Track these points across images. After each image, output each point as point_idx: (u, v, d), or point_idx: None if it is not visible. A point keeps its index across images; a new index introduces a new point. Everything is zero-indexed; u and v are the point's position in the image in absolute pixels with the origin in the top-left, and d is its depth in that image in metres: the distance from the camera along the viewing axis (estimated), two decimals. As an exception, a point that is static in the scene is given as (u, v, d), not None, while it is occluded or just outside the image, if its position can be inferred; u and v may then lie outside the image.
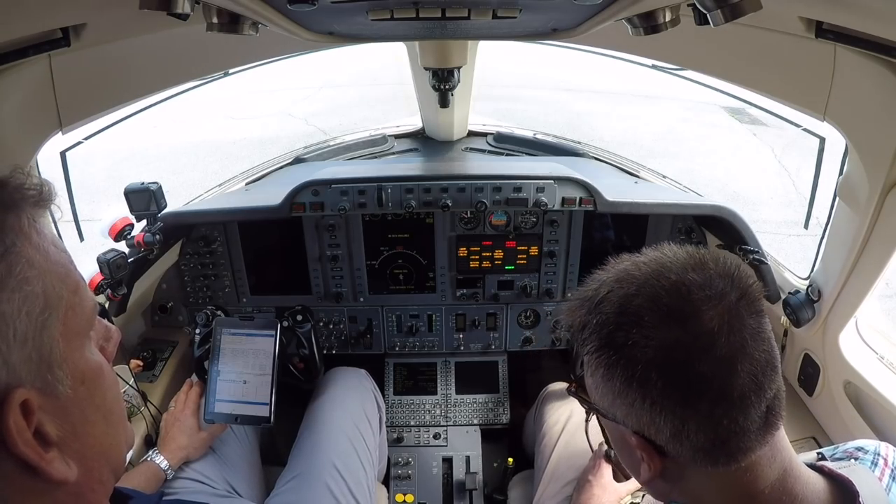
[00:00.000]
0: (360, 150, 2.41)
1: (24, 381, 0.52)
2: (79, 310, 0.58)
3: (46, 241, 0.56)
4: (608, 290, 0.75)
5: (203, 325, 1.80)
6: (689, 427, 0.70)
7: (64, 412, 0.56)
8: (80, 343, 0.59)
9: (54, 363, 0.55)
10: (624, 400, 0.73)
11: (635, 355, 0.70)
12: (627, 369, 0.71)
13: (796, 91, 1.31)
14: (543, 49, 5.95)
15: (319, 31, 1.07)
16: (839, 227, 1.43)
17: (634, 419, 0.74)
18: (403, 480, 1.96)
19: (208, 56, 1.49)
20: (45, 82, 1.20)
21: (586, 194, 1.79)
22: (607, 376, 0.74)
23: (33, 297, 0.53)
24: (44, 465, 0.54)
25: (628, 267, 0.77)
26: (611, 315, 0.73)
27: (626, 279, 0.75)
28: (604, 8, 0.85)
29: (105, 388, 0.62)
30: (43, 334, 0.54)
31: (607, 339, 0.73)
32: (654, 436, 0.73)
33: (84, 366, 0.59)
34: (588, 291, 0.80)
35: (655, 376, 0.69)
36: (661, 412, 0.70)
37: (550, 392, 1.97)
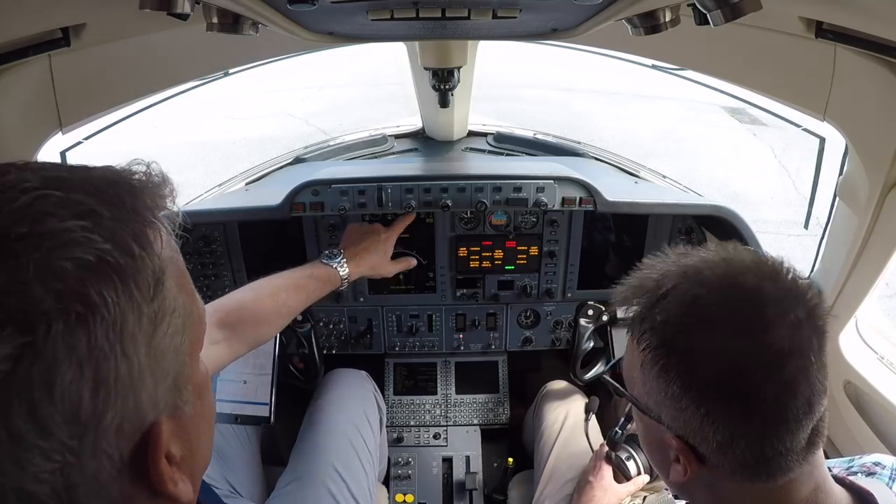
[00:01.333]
0: (360, 150, 2.41)
1: (162, 412, 0.48)
2: (196, 318, 0.53)
3: (171, 248, 0.50)
4: (673, 285, 0.71)
5: (203, 324, 1.80)
6: (737, 442, 0.68)
7: (185, 431, 0.52)
8: (198, 354, 0.55)
9: (182, 385, 0.51)
10: (675, 403, 0.70)
11: (698, 363, 0.68)
12: (687, 375, 0.69)
13: (796, 91, 1.31)
14: (543, 49, 5.95)
15: (319, 31, 1.07)
16: (839, 227, 1.44)
17: (681, 424, 0.71)
18: (403, 480, 1.96)
19: (208, 56, 1.49)
20: (45, 82, 1.20)
21: (586, 194, 1.79)
22: (662, 377, 0.71)
23: (178, 327, 0.49)
24: (177, 491, 0.50)
25: (696, 263, 0.73)
26: (676, 314, 0.70)
27: (694, 277, 0.71)
28: (604, 8, 0.85)
29: (210, 394, 0.59)
30: (178, 359, 0.50)
31: (670, 340, 0.70)
32: (698, 444, 0.71)
33: (199, 378, 0.55)
34: (648, 280, 0.75)
35: (716, 388, 0.67)
36: (714, 423, 0.68)
37: (549, 391, 1.97)
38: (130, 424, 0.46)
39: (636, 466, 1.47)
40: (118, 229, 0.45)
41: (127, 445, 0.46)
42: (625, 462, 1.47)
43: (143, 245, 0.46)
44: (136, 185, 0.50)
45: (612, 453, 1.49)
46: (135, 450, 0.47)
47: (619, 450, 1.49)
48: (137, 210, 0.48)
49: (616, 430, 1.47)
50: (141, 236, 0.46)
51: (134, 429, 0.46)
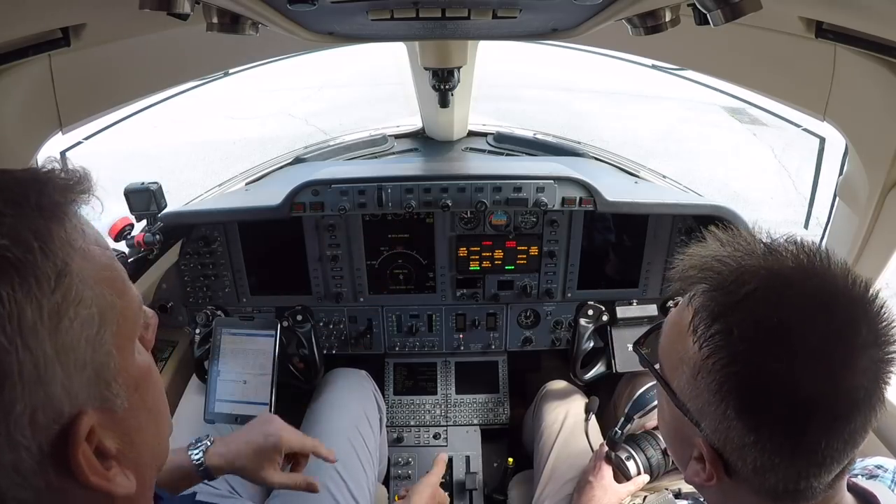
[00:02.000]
0: (360, 150, 2.41)
1: (85, 404, 0.49)
2: (128, 313, 0.54)
3: (91, 242, 0.51)
4: (755, 288, 0.63)
5: (203, 325, 1.80)
6: (775, 472, 0.64)
7: (121, 424, 0.53)
8: (131, 347, 0.55)
9: (110, 378, 0.51)
10: (723, 420, 0.64)
11: (767, 393, 0.61)
12: (748, 401, 0.62)
13: (796, 91, 1.31)
14: (543, 49, 5.95)
15: (319, 31, 1.07)
16: (839, 227, 1.43)
17: (721, 437, 0.66)
18: (403, 480, 1.96)
19: (208, 56, 1.49)
20: (45, 82, 1.20)
21: (586, 194, 1.79)
22: (718, 392, 0.64)
23: (90, 319, 0.49)
24: (110, 485, 0.51)
25: (786, 271, 0.64)
26: (756, 333, 0.61)
27: (783, 290, 0.62)
28: (604, 8, 0.85)
29: (154, 388, 0.59)
30: (99, 352, 0.50)
31: (743, 359, 0.62)
32: (732, 459, 0.66)
33: (136, 371, 0.55)
34: (725, 270, 0.66)
35: (776, 422, 0.61)
36: (759, 451, 0.63)
37: (549, 391, 1.97)
38: (45, 416, 0.47)
39: (636, 466, 1.47)
40: (18, 225, 0.47)
41: (45, 437, 0.47)
42: (625, 462, 1.47)
43: (44, 240, 0.47)
44: (43, 182, 0.51)
45: (612, 453, 1.49)
46: (55, 442, 0.47)
47: (618, 450, 1.49)
48: (42, 206, 0.49)
49: (616, 430, 1.47)
50: (42, 231, 0.48)
51: (49, 420, 0.47)
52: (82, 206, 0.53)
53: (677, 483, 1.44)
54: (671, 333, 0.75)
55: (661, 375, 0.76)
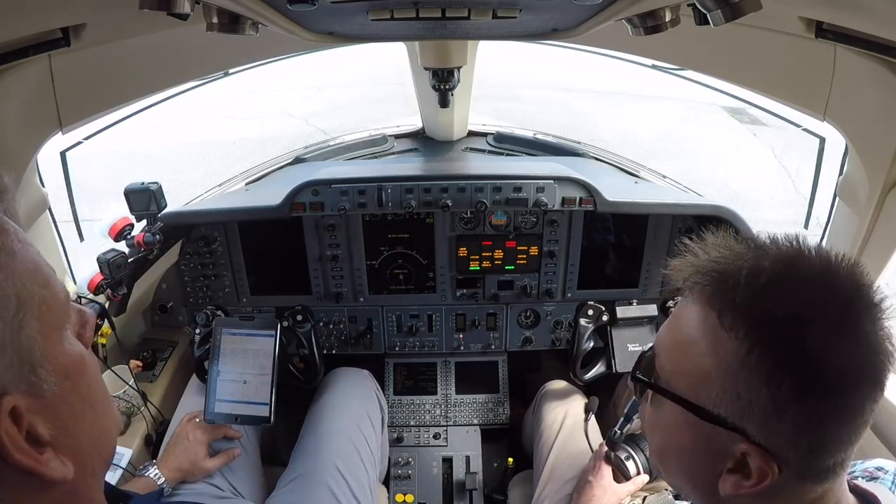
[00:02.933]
0: (360, 150, 2.41)
1: (9, 387, 0.51)
2: (52, 303, 0.56)
3: (11, 238, 0.54)
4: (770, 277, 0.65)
5: (203, 325, 1.80)
6: (829, 446, 0.65)
7: (53, 410, 0.55)
8: (59, 336, 0.58)
9: (36, 363, 0.53)
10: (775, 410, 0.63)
11: (816, 363, 0.62)
12: (802, 376, 0.62)
13: (796, 91, 1.31)
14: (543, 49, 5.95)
15: (319, 31, 1.07)
16: (839, 227, 1.44)
17: (772, 432, 0.65)
18: (403, 480, 1.96)
19: (208, 56, 1.49)
20: (45, 82, 1.20)
21: (586, 194, 1.79)
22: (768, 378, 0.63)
23: (6, 301, 0.51)
24: (41, 468, 0.53)
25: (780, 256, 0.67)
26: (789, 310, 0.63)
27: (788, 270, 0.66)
28: (604, 8, 0.85)
29: (89, 378, 0.61)
30: (20, 336, 0.52)
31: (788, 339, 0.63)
32: (785, 452, 0.65)
33: (65, 359, 0.57)
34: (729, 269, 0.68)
35: (828, 392, 0.62)
36: (817, 430, 0.64)
37: (549, 390, 1.97)
38: None
39: (635, 466, 1.47)
40: None
41: None
42: (624, 462, 1.47)
43: None
44: None
45: (612, 453, 1.49)
46: None
47: (618, 450, 1.49)
48: None
49: (615, 430, 1.47)
50: None
51: None
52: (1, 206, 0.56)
53: (677, 483, 1.44)
54: (684, 348, 0.72)
55: (679, 396, 0.72)
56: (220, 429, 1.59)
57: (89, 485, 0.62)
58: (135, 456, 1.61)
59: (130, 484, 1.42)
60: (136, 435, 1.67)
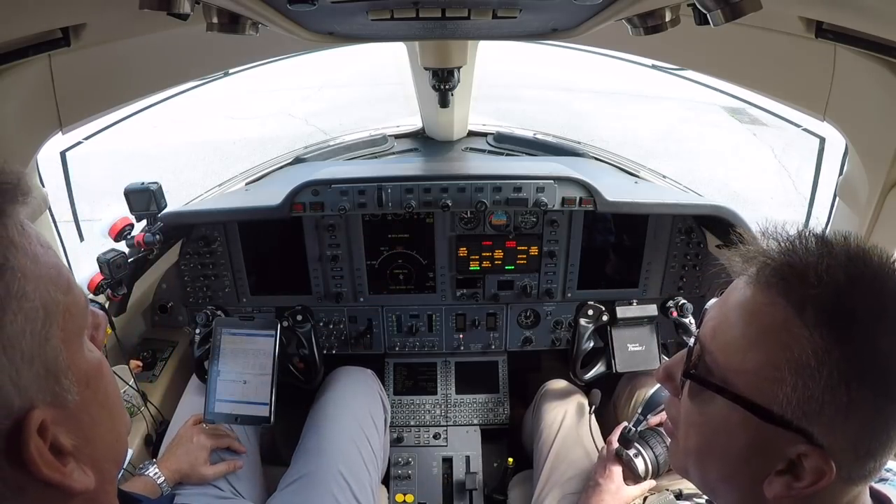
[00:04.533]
0: (360, 150, 2.41)
1: (36, 400, 0.50)
2: (74, 310, 0.55)
3: (33, 242, 0.53)
4: (849, 274, 0.64)
5: (203, 325, 1.80)
6: (882, 452, 0.64)
7: (74, 420, 0.54)
8: (80, 344, 0.57)
9: (60, 373, 0.53)
10: (847, 409, 0.61)
11: (893, 364, 0.60)
12: (880, 378, 0.61)
13: (796, 91, 1.31)
14: (543, 49, 5.95)
15: (319, 31, 1.07)
16: (839, 227, 1.44)
17: (838, 434, 0.63)
18: (403, 480, 1.96)
19: (208, 56, 1.49)
20: (45, 82, 1.20)
21: (586, 194, 1.79)
22: (842, 377, 0.61)
23: (34, 313, 0.50)
24: (65, 480, 0.52)
25: (852, 253, 0.66)
26: (872, 310, 0.61)
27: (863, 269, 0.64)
28: (604, 8, 0.85)
29: (106, 384, 0.60)
30: (46, 347, 0.51)
31: (870, 339, 0.61)
32: (843, 455, 0.63)
33: (86, 366, 0.57)
34: (801, 263, 0.65)
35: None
36: (881, 430, 0.63)
37: (549, 390, 1.97)
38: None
39: (644, 463, 1.45)
40: None
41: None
42: (633, 459, 1.45)
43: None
44: None
45: (623, 451, 1.48)
46: (9, 437, 0.49)
47: (630, 447, 1.48)
48: None
49: (630, 426, 1.46)
50: None
51: (1, 415, 0.48)
52: (22, 207, 0.54)
53: (678, 483, 1.44)
54: (752, 347, 0.67)
55: (740, 396, 0.67)
56: (224, 438, 1.59)
57: (108, 491, 0.61)
58: (135, 456, 1.61)
59: (130, 483, 1.42)
60: (136, 435, 1.67)
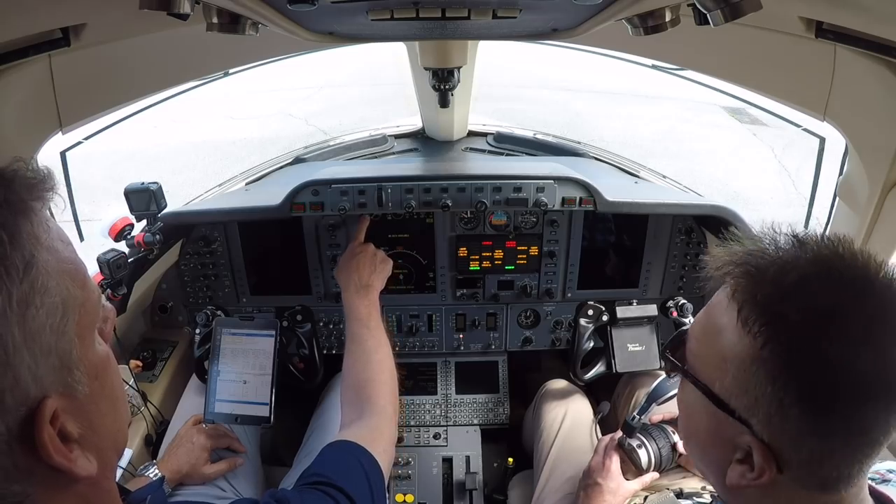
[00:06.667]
0: (360, 150, 2.41)
1: (49, 389, 0.52)
2: (89, 305, 0.57)
3: (54, 238, 0.55)
4: (801, 275, 0.64)
5: (203, 325, 1.80)
6: (833, 459, 0.64)
7: (82, 409, 0.56)
8: (91, 338, 0.58)
9: (73, 365, 0.54)
10: (779, 410, 0.64)
11: (827, 372, 0.61)
12: (810, 382, 0.62)
13: (796, 91, 1.31)
14: (543, 49, 5.95)
15: (319, 31, 1.07)
16: (839, 227, 1.44)
17: (776, 431, 0.65)
18: (403, 480, 1.96)
19: (208, 56, 1.49)
20: (45, 82, 1.20)
21: (586, 194, 1.79)
22: (775, 381, 0.63)
23: (54, 308, 0.52)
24: (71, 465, 0.54)
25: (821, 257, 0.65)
26: (815, 318, 0.62)
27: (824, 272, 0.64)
28: (604, 8, 0.85)
29: (113, 377, 0.62)
30: (63, 340, 0.53)
31: (801, 342, 0.62)
32: (787, 453, 0.66)
33: (96, 360, 0.58)
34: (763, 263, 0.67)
35: (841, 407, 0.61)
36: (820, 436, 0.63)
37: (549, 390, 1.97)
38: (13, 398, 0.50)
39: (647, 455, 1.43)
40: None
41: (13, 419, 0.50)
42: (636, 450, 1.44)
43: (12, 233, 0.50)
44: (9, 180, 0.54)
45: (626, 441, 1.46)
46: (23, 423, 0.50)
47: (633, 437, 1.45)
48: (9, 202, 0.52)
49: (634, 414, 1.44)
50: (10, 225, 0.51)
51: (17, 403, 0.50)
52: (47, 203, 0.56)
53: (678, 483, 1.43)
54: (708, 335, 0.74)
55: (698, 380, 0.74)
56: (224, 438, 1.59)
57: (108, 477, 0.64)
58: (135, 456, 1.61)
59: (130, 484, 1.42)
60: (136, 435, 1.67)
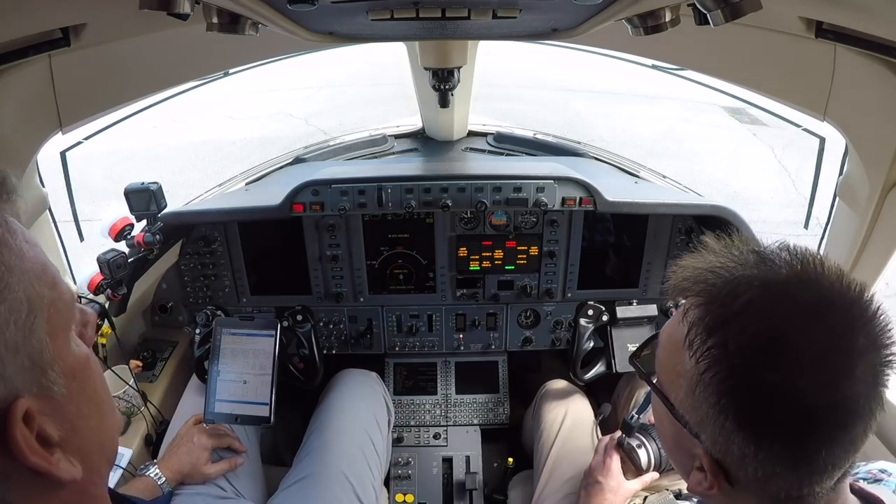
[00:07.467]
0: (360, 150, 2.41)
1: (22, 389, 0.51)
2: (60, 304, 0.57)
3: (19, 238, 0.54)
4: (749, 299, 0.62)
5: (203, 325, 1.80)
6: (777, 480, 0.64)
7: (61, 411, 0.56)
8: (66, 338, 0.58)
9: (46, 365, 0.54)
10: (722, 432, 0.64)
11: (768, 407, 0.60)
12: (750, 415, 0.62)
13: (796, 91, 1.31)
14: (543, 49, 5.95)
15: (319, 31, 1.07)
16: (839, 227, 1.44)
17: (721, 449, 0.66)
18: (403, 480, 1.96)
19: (208, 56, 1.49)
20: (45, 82, 1.20)
21: (586, 194, 1.79)
22: (717, 406, 0.64)
23: (18, 304, 0.51)
24: (52, 468, 0.53)
25: (781, 280, 0.63)
26: (756, 346, 0.61)
27: (776, 295, 0.62)
28: (604, 8, 0.85)
29: (94, 378, 0.61)
30: (32, 339, 0.53)
31: (742, 373, 0.62)
32: (733, 469, 0.67)
33: (72, 360, 0.58)
34: (719, 281, 0.66)
35: (777, 434, 0.61)
36: (760, 461, 0.63)
37: (549, 390, 1.97)
38: None
39: (647, 455, 1.43)
40: None
41: None
42: (636, 450, 1.43)
43: None
44: None
45: (625, 440, 1.46)
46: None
47: (632, 437, 1.45)
48: None
49: (632, 413, 1.44)
50: None
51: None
52: (6, 204, 0.56)
53: (678, 483, 1.43)
54: (668, 348, 0.74)
55: (659, 389, 0.75)
56: (225, 437, 1.59)
57: (96, 483, 0.62)
58: (135, 456, 1.61)
59: (131, 484, 1.42)
60: (136, 435, 1.67)
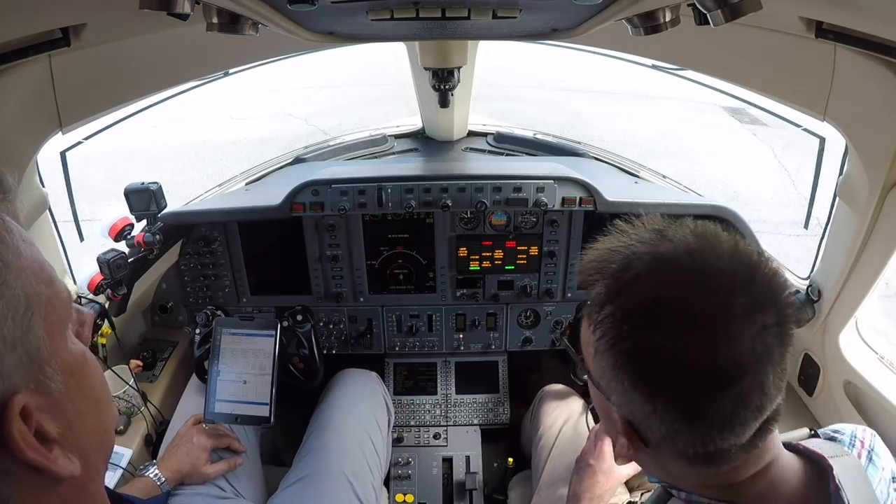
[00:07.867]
0: (360, 150, 2.41)
1: (19, 385, 0.52)
2: (56, 302, 0.57)
3: (16, 237, 0.55)
4: (638, 273, 0.68)
5: (203, 325, 1.80)
6: (680, 438, 0.68)
7: (59, 408, 0.56)
8: (63, 335, 0.59)
9: (44, 361, 0.54)
10: (624, 393, 0.70)
11: (653, 365, 0.66)
12: (639, 374, 0.67)
13: (796, 91, 1.31)
14: (543, 49, 5.95)
15: (319, 31, 1.07)
16: (839, 227, 1.43)
17: (629, 410, 0.71)
18: (403, 480, 1.96)
19: (208, 56, 1.49)
20: (45, 82, 1.20)
21: (586, 194, 1.79)
22: (613, 369, 0.69)
23: (15, 300, 0.52)
24: (50, 465, 0.54)
25: (669, 251, 0.68)
26: (638, 312, 0.67)
27: (664, 270, 0.67)
28: (604, 8, 0.85)
29: (92, 376, 0.62)
30: (29, 335, 0.53)
31: (627, 336, 0.67)
32: (643, 430, 0.71)
33: (70, 358, 0.58)
34: (616, 258, 0.71)
35: (666, 391, 0.66)
36: (660, 419, 0.68)
37: (548, 393, 1.97)
38: None
39: None
40: None
41: None
42: None
43: None
44: None
45: None
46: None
47: None
48: None
49: None
50: None
51: None
52: (3, 204, 0.56)
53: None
54: (583, 330, 0.80)
55: (582, 358, 0.81)
56: (225, 438, 1.59)
57: (94, 480, 0.63)
58: (135, 456, 1.61)
59: (130, 484, 1.42)
60: (136, 435, 1.67)
